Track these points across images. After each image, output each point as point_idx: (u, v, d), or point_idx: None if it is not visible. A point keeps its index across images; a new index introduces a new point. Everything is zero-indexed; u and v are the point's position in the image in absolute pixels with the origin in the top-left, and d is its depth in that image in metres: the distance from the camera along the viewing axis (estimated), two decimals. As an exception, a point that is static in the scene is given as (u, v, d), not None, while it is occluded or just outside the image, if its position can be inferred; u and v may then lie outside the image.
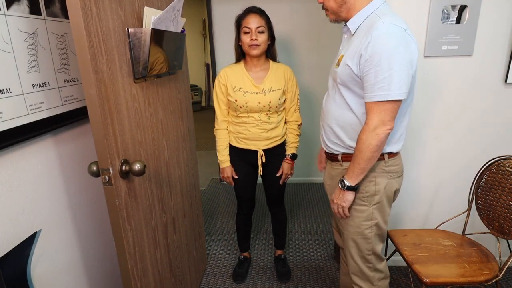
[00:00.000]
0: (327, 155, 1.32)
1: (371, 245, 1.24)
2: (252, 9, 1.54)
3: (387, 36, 1.00)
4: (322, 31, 2.86)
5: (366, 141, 1.06)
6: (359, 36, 1.08)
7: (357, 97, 1.12)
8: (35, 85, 1.02)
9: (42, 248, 1.10)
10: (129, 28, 1.01)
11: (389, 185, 1.20)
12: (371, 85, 1.03)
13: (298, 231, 2.48)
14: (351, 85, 1.11)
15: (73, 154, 1.24)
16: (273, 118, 1.65)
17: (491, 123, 1.71)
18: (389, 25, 1.00)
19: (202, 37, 6.92)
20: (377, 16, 1.05)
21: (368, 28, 1.04)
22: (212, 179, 3.51)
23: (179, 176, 1.53)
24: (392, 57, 0.99)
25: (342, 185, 1.17)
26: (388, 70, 0.99)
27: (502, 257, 1.78)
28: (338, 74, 1.13)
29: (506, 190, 1.39)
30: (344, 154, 1.23)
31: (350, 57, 1.08)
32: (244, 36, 1.54)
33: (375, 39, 1.00)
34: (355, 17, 1.11)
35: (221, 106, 1.68)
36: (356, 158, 1.11)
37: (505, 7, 1.54)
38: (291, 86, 1.66)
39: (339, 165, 1.26)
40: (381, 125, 1.04)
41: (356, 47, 1.06)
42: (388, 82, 1.00)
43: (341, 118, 1.18)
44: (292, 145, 1.74)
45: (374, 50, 1.00)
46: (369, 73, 1.02)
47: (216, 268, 2.09)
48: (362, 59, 1.03)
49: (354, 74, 1.07)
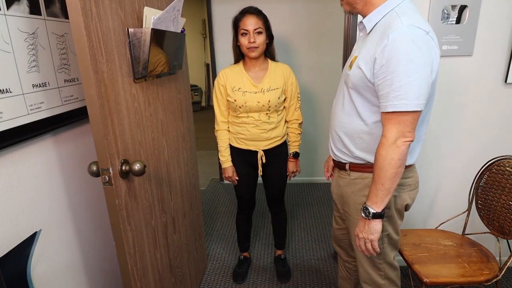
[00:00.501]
0: (335, 162, 1.25)
1: (383, 256, 1.17)
2: (249, 10, 1.52)
3: (406, 39, 0.89)
4: (322, 31, 2.86)
5: (387, 156, 0.94)
6: (375, 36, 0.97)
7: (368, 104, 1.03)
8: (35, 85, 1.02)
9: (42, 248, 1.10)
10: (129, 28, 1.01)
11: (399, 198, 1.11)
12: (386, 94, 0.93)
13: (298, 231, 2.48)
14: (363, 90, 1.02)
15: (73, 154, 1.24)
16: (273, 118, 1.64)
17: (491, 123, 1.71)
18: (409, 26, 0.89)
19: (202, 37, 6.92)
20: (396, 15, 0.94)
21: (385, 28, 0.93)
22: (212, 179, 3.51)
23: (179, 176, 1.53)
24: (411, 64, 0.88)
25: (366, 214, 1.00)
26: (406, 78, 0.89)
27: (502, 257, 1.78)
28: (350, 77, 1.03)
29: (506, 190, 1.39)
30: (352, 163, 1.14)
31: (363, 60, 0.99)
32: (242, 38, 1.53)
33: (392, 42, 0.89)
34: (373, 13, 1.00)
35: (221, 107, 1.69)
36: (378, 178, 0.96)
37: (505, 7, 1.54)
38: (291, 84, 1.65)
39: (346, 175, 1.18)
40: (401, 136, 0.93)
41: (371, 49, 0.97)
42: (405, 91, 0.89)
43: (349, 125, 1.09)
44: (294, 143, 1.74)
45: (391, 55, 0.89)
46: (384, 80, 0.92)
47: (216, 268, 2.09)
48: (376, 64, 0.93)
49: (367, 79, 0.98)
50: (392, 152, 0.93)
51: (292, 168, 1.76)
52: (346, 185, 1.19)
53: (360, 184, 1.14)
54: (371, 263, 1.19)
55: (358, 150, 1.10)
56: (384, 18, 0.98)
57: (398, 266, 1.23)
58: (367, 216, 1.00)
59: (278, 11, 2.80)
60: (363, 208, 1.02)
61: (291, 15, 2.83)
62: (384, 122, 0.96)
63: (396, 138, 0.93)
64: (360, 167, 1.12)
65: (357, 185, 1.15)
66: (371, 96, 1.01)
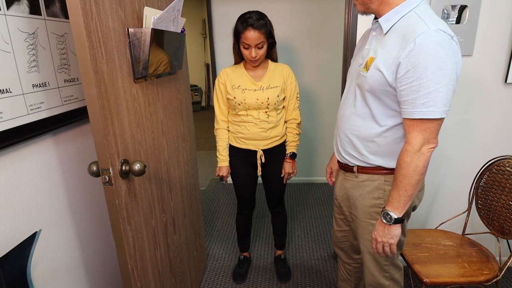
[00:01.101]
0: (340, 164, 1.21)
1: (390, 258, 1.16)
2: (253, 24, 1.46)
3: (435, 45, 0.86)
4: (322, 31, 2.86)
5: (412, 163, 0.93)
6: (395, 38, 0.93)
7: (385, 108, 1.00)
8: (35, 85, 1.02)
9: (42, 248, 1.10)
10: (129, 28, 1.01)
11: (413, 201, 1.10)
12: (413, 100, 0.90)
13: (298, 231, 2.48)
14: (381, 94, 0.98)
15: (73, 154, 1.24)
16: (272, 117, 1.65)
17: (491, 123, 1.71)
18: (437, 31, 0.87)
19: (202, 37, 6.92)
20: (418, 17, 0.91)
21: (408, 30, 0.90)
22: (212, 179, 3.51)
23: (179, 176, 1.53)
24: (440, 70, 0.86)
25: (387, 220, 1.00)
26: (435, 84, 0.87)
27: (502, 257, 1.78)
28: (368, 80, 0.99)
29: (506, 190, 1.39)
30: (360, 166, 1.12)
31: (384, 63, 0.94)
32: (244, 50, 1.54)
33: (420, 47, 0.86)
34: (390, 13, 0.96)
35: (221, 105, 1.69)
36: (402, 185, 0.96)
37: (505, 7, 1.54)
38: (290, 83, 1.66)
39: (353, 177, 1.15)
40: (426, 143, 0.93)
41: (392, 52, 0.93)
42: (434, 97, 0.88)
43: (362, 129, 1.06)
44: (292, 144, 1.73)
45: (419, 60, 0.86)
46: (410, 86, 0.89)
47: (216, 268, 2.09)
48: (401, 68, 0.90)
49: (387, 83, 0.95)
50: (417, 159, 0.93)
51: (288, 169, 1.75)
52: (353, 187, 1.16)
53: (369, 187, 1.12)
54: (377, 266, 1.17)
55: (371, 154, 1.08)
56: (403, 18, 0.94)
57: (402, 266, 1.23)
58: (388, 222, 1.00)
59: (278, 11, 2.80)
60: (383, 214, 1.01)
61: (291, 15, 2.83)
62: (408, 129, 0.95)
63: (421, 145, 0.93)
64: (369, 169, 1.10)
65: (365, 188, 1.13)
66: (389, 100, 0.98)
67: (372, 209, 1.12)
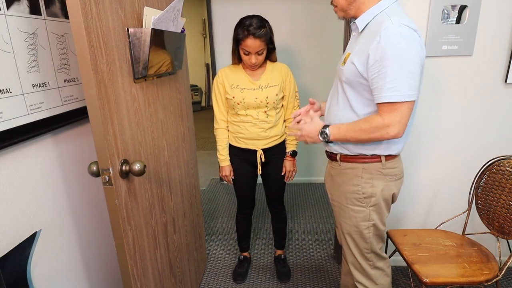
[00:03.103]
0: (327, 154, 1.32)
1: (369, 245, 1.24)
2: (254, 34, 1.45)
3: (397, 36, 0.97)
4: (322, 31, 2.86)
5: (372, 132, 1.04)
6: (367, 35, 1.06)
7: (360, 97, 1.11)
8: (35, 85, 1.02)
9: (42, 248, 1.10)
10: (129, 28, 1.01)
11: (386, 188, 1.19)
12: (380, 86, 1.00)
13: (298, 231, 2.48)
14: (355, 85, 1.10)
15: (73, 154, 1.24)
16: (271, 116, 1.65)
17: (491, 123, 1.71)
18: (399, 25, 0.98)
19: (202, 37, 6.92)
20: (386, 15, 1.03)
21: (377, 27, 1.02)
22: (212, 179, 3.51)
23: (179, 176, 1.53)
24: (403, 58, 0.97)
25: (324, 137, 1.16)
26: (399, 71, 0.97)
27: (502, 257, 1.78)
28: (344, 72, 1.12)
29: (506, 190, 1.39)
30: (342, 154, 1.22)
31: (357, 56, 1.06)
32: (244, 56, 1.54)
33: (384, 39, 0.97)
34: (364, 14, 1.09)
35: (220, 105, 1.69)
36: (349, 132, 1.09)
37: (505, 7, 1.54)
38: (289, 82, 1.66)
39: (337, 165, 1.25)
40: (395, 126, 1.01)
41: (363, 46, 1.05)
42: (399, 83, 0.98)
43: (342, 118, 1.17)
44: (292, 142, 1.73)
45: (384, 50, 0.97)
46: (379, 74, 1.00)
47: (216, 268, 2.09)
48: (370, 59, 1.01)
49: (359, 73, 1.06)
50: (378, 132, 1.04)
51: (289, 167, 1.75)
52: (337, 174, 1.26)
53: (349, 174, 1.21)
54: (358, 251, 1.27)
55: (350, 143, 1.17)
56: (375, 18, 1.07)
57: (387, 256, 1.31)
58: (321, 135, 1.17)
59: (278, 11, 2.80)
60: (323, 128, 1.16)
61: (291, 15, 2.83)
62: (380, 113, 1.04)
63: (390, 125, 1.01)
64: (351, 158, 1.19)
65: (346, 175, 1.22)
66: (362, 90, 1.09)
67: (351, 195, 1.21)
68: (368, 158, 1.17)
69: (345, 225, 1.27)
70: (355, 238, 1.25)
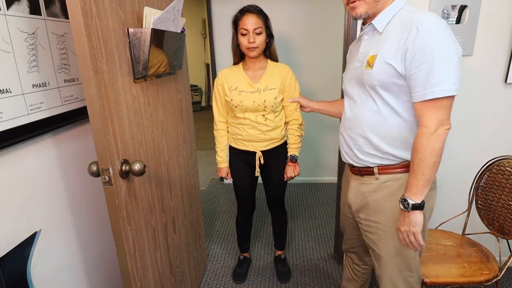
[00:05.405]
0: (355, 169, 1.17)
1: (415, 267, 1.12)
2: (250, 9, 1.50)
3: (436, 29, 0.91)
4: (322, 31, 2.86)
5: (429, 146, 0.94)
6: (395, 31, 0.98)
7: (398, 99, 1.02)
8: (35, 85, 1.02)
9: (42, 248, 1.10)
10: (129, 28, 1.01)
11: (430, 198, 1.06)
12: (424, 82, 0.92)
13: (298, 231, 2.48)
14: (393, 87, 1.00)
15: (73, 154, 1.24)
16: (270, 120, 1.61)
17: (491, 123, 1.71)
18: (435, 17, 0.92)
19: (202, 37, 6.92)
20: (410, 11, 0.99)
21: (406, 22, 0.96)
22: (212, 179, 3.51)
23: (179, 176, 1.53)
24: (446, 50, 0.91)
25: (405, 206, 0.99)
26: (443, 63, 0.90)
27: (502, 257, 1.78)
28: (374, 75, 1.01)
29: (506, 190, 1.39)
30: (381, 166, 1.09)
31: (390, 55, 0.98)
32: (242, 38, 1.51)
33: (423, 32, 0.91)
34: (381, 15, 1.03)
35: (219, 107, 1.69)
36: (419, 169, 0.96)
37: (505, 7, 1.53)
38: (289, 84, 1.61)
39: (373, 179, 1.11)
40: (441, 125, 0.94)
41: (396, 43, 0.97)
42: (445, 76, 0.91)
43: (383, 125, 1.05)
44: (293, 146, 1.69)
45: (425, 43, 0.91)
46: (420, 69, 0.92)
47: (216, 268, 2.09)
48: (408, 54, 0.94)
49: (397, 73, 0.97)
50: (434, 141, 0.94)
51: (290, 173, 1.71)
52: (374, 190, 1.12)
53: (392, 187, 1.08)
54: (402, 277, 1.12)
55: (395, 149, 1.06)
56: (396, 17, 1.01)
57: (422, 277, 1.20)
58: (406, 208, 0.99)
59: (278, 11, 2.80)
60: (401, 200, 1.00)
61: (291, 15, 2.83)
62: (421, 112, 0.96)
63: (436, 127, 0.94)
64: (391, 168, 1.08)
65: (388, 189, 1.09)
66: (398, 92, 1.01)
67: (397, 211, 1.06)
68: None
69: (385, 247, 1.11)
70: (398, 263, 1.11)
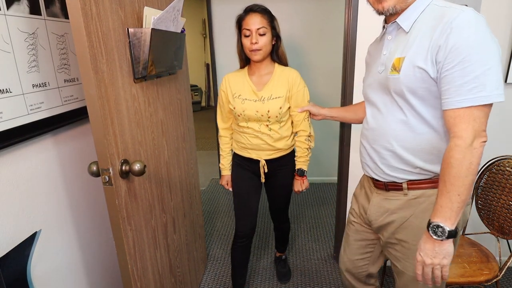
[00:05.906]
0: (380, 184, 1.05)
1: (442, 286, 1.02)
2: (253, 8, 1.39)
3: (474, 24, 0.78)
4: (322, 31, 2.86)
5: (465, 160, 0.79)
6: (424, 30, 0.87)
7: (430, 107, 0.90)
8: (35, 85, 1.02)
9: (42, 248, 1.10)
10: (129, 28, 1.01)
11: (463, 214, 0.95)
12: (458, 87, 0.80)
13: (298, 231, 2.48)
14: (424, 93, 0.88)
15: (73, 154, 1.24)
16: (274, 130, 1.49)
17: (491, 123, 1.70)
18: (472, 12, 0.79)
19: (202, 37, 6.92)
20: (442, 6, 0.86)
21: (437, 19, 0.84)
22: (212, 179, 3.51)
23: (179, 176, 1.53)
24: (485, 50, 0.78)
25: (439, 234, 0.82)
26: (482, 66, 0.77)
27: (502, 257, 1.78)
28: (402, 81, 0.89)
29: (506, 190, 1.39)
30: (411, 181, 0.98)
31: (420, 57, 0.86)
32: (245, 40, 1.40)
33: (457, 29, 0.79)
34: (406, 12, 0.91)
35: (223, 113, 1.60)
36: (454, 188, 0.80)
37: (505, 7, 1.53)
38: (296, 91, 1.48)
39: (401, 195, 1.00)
40: (478, 136, 0.80)
41: (426, 43, 0.85)
42: (483, 81, 0.78)
43: (412, 137, 0.94)
44: (300, 159, 1.58)
45: (460, 41, 0.78)
46: (453, 71, 0.80)
47: (216, 268, 2.09)
48: (440, 53, 0.81)
49: (429, 77, 0.85)
50: (470, 155, 0.79)
51: (298, 188, 1.61)
52: (402, 207, 1.00)
53: (424, 204, 0.97)
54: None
55: (427, 163, 0.94)
56: (424, 13, 0.89)
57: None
58: (440, 237, 0.82)
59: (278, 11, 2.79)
60: (433, 227, 0.83)
61: (291, 15, 2.83)
62: (454, 121, 0.82)
63: (473, 139, 0.80)
64: (423, 183, 0.97)
65: (419, 206, 0.98)
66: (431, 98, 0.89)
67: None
68: None
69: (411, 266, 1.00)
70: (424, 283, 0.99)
